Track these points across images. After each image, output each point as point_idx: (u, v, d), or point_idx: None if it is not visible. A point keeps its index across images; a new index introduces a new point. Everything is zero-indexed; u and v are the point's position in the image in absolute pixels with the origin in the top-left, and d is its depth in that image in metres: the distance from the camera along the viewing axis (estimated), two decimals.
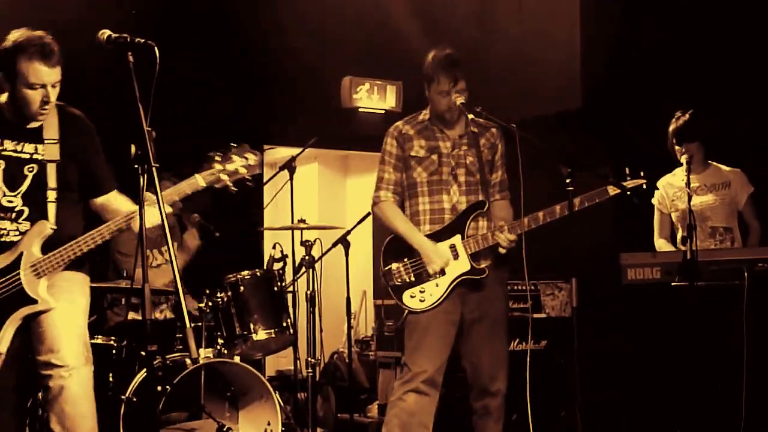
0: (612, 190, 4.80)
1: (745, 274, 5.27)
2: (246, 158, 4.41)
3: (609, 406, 6.25)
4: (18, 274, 4.15)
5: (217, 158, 4.35)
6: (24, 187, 4.23)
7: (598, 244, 6.18)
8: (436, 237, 5.01)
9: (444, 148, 5.09)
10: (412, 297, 5.01)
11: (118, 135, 3.98)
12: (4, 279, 4.15)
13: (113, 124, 4.34)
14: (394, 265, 5.06)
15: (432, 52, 5.09)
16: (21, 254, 4.17)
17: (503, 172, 5.22)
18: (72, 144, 4.30)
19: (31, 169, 4.23)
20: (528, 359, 4.75)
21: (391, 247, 5.12)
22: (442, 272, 4.96)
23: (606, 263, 6.03)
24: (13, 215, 4.22)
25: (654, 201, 6.09)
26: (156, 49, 3.70)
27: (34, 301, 4.15)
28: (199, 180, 4.35)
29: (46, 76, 4.10)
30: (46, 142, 4.24)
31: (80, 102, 4.38)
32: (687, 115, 5.96)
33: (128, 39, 3.71)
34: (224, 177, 4.37)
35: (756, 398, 5.28)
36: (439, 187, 5.07)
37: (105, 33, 3.75)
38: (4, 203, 4.20)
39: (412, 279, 5.01)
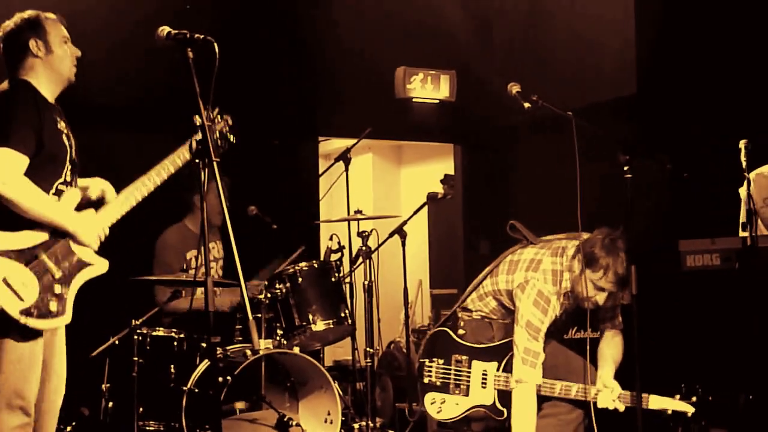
0: (654, 404, 4.83)
1: None
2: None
3: (670, 394, 6.21)
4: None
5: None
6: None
7: (656, 230, 6.14)
8: (479, 353, 5.16)
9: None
10: (432, 403, 5.17)
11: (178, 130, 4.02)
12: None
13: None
14: (427, 361, 5.21)
15: (597, 232, 4.97)
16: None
17: (616, 306, 5.17)
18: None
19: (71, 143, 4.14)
20: (588, 347, 4.72)
21: (434, 341, 5.26)
22: (467, 392, 5.10)
23: (665, 250, 5.99)
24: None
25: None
26: (216, 45, 3.72)
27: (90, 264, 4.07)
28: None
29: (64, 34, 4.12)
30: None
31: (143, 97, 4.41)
32: None
33: (188, 35, 3.73)
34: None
35: None
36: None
37: (164, 29, 3.78)
38: (68, 177, 4.07)
39: (438, 384, 5.15)
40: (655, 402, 4.75)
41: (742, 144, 5.47)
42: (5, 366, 3.81)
